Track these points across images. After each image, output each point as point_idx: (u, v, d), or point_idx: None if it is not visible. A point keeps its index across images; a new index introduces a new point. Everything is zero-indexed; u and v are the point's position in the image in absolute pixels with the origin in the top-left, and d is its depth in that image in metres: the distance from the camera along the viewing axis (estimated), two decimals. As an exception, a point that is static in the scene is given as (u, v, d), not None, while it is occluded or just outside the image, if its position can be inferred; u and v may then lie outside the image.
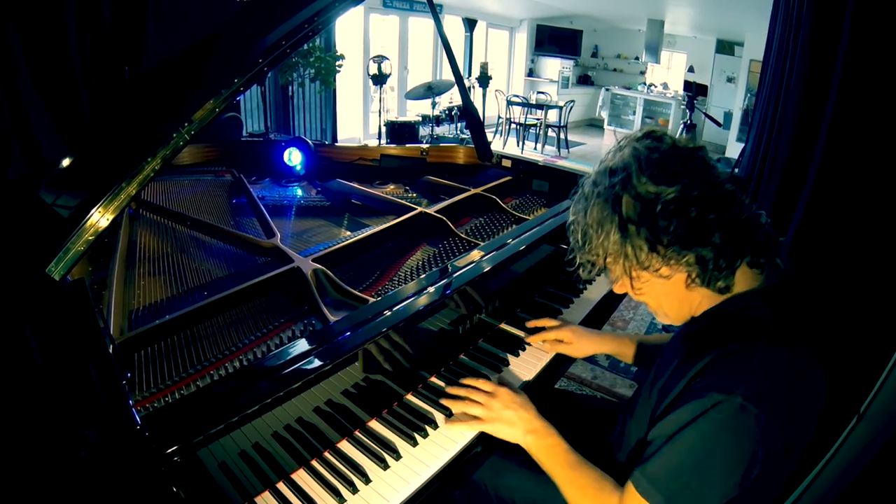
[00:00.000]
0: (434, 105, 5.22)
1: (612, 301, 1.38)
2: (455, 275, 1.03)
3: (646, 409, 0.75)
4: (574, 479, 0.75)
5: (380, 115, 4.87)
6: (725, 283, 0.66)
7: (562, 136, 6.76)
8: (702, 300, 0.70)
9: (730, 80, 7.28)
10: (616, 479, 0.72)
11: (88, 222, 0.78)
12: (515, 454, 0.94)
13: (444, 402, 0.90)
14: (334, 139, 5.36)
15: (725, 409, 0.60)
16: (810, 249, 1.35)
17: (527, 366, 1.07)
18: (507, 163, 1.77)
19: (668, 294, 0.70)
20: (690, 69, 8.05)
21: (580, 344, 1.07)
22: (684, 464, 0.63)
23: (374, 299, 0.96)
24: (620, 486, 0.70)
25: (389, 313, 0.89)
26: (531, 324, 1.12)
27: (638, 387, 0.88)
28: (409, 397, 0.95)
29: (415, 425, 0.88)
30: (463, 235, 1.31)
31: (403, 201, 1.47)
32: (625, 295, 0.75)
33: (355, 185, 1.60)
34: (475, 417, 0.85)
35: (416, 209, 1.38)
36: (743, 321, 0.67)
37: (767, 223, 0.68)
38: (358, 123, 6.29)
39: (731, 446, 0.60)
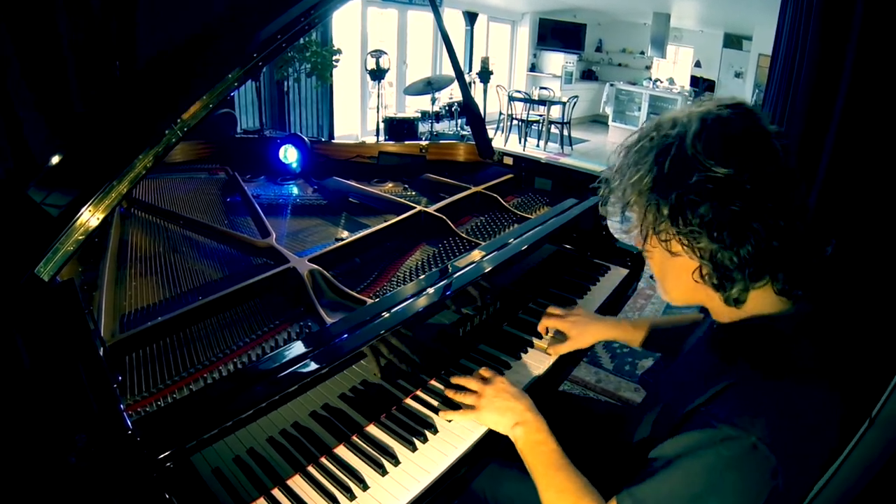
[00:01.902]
0: (433, 101, 5.16)
1: (616, 302, 1.36)
2: (455, 275, 1.01)
3: (654, 415, 0.72)
4: (556, 482, 0.71)
5: (378, 112, 4.84)
6: (738, 296, 0.60)
7: (565, 132, 6.72)
8: (712, 300, 0.64)
9: (738, 75, 7.21)
10: (616, 484, 0.69)
11: (78, 221, 0.76)
12: (515, 461, 0.92)
13: (448, 392, 0.88)
14: (331, 136, 5.33)
15: (735, 448, 0.54)
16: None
17: (529, 368, 1.05)
18: (508, 160, 1.74)
19: (673, 273, 0.65)
20: (697, 64, 7.98)
21: (583, 334, 1.04)
22: (678, 494, 0.58)
23: (372, 300, 0.94)
24: (604, 500, 0.66)
25: (388, 315, 0.87)
26: (543, 329, 1.09)
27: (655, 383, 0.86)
28: (409, 401, 0.93)
29: (414, 430, 0.86)
30: (463, 235, 1.28)
31: (402, 200, 1.45)
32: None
33: (353, 184, 1.58)
34: (469, 407, 0.83)
35: (415, 208, 1.36)
36: (770, 348, 0.61)
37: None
38: (355, 120, 6.25)
39: (735, 486, 0.55)
